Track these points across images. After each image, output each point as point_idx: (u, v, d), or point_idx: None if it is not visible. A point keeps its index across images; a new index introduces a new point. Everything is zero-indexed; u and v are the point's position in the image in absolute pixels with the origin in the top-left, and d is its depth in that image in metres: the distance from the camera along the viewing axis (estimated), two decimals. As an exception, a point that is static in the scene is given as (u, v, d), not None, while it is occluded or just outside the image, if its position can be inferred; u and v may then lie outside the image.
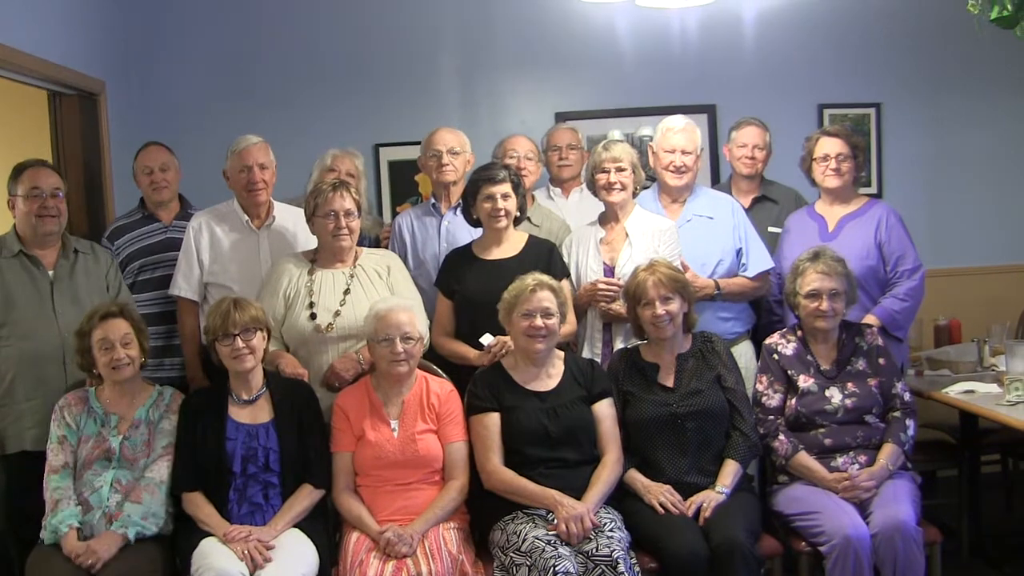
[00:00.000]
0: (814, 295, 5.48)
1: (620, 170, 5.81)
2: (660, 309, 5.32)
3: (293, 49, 7.92)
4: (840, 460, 5.34)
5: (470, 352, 5.57)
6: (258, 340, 5.12)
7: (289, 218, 6.01)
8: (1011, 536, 7.04)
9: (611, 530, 4.94)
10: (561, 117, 7.94)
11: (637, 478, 5.26)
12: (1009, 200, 8.54)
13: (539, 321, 5.19)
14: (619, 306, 5.62)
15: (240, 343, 5.06)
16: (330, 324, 5.45)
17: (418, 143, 6.45)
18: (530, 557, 4.76)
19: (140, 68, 7.70)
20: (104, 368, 5.09)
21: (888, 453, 5.31)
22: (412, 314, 5.22)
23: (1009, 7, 5.45)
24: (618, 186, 5.81)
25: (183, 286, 5.94)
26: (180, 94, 7.77)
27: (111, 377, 5.10)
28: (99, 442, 5.04)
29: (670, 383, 5.40)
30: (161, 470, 5.05)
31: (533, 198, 6.60)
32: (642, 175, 5.92)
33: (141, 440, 5.09)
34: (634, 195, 5.91)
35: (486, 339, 5.44)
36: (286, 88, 7.87)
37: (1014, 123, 8.51)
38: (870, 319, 5.93)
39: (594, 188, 5.92)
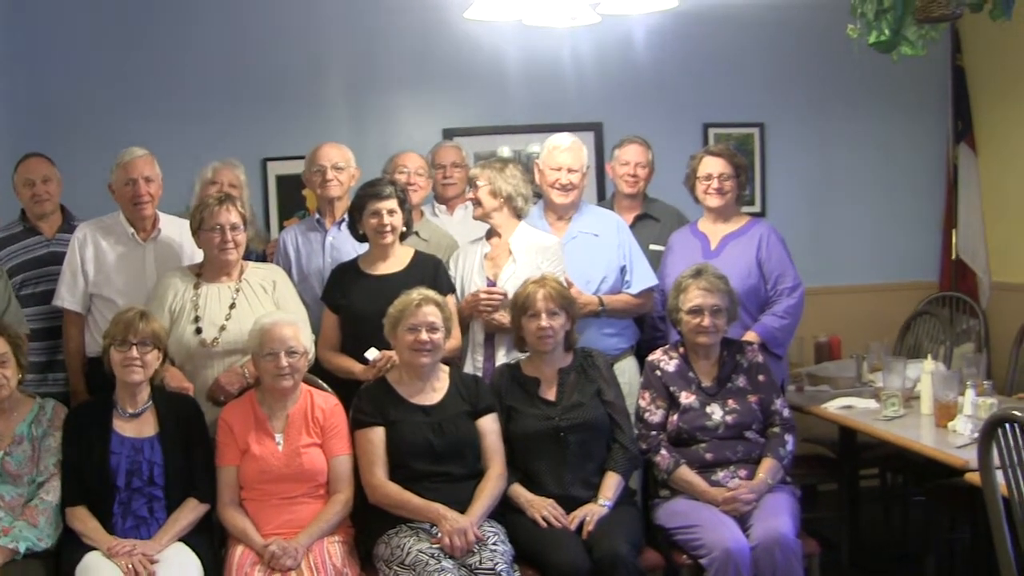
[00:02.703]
0: (696, 311, 5.55)
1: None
2: (545, 322, 5.37)
3: (180, 61, 7.87)
4: (720, 474, 5.41)
5: (355, 366, 5.57)
6: (152, 357, 5.09)
7: (175, 230, 5.96)
8: (889, 547, 7.18)
9: (494, 544, 4.98)
10: (449, 134, 7.96)
11: (520, 492, 5.30)
12: (889, 219, 8.69)
13: (424, 335, 5.21)
14: (502, 316, 5.66)
15: (135, 353, 5.03)
16: (216, 339, 5.43)
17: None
18: (414, 570, 4.80)
19: (26, 78, 7.60)
20: (-19, 388, 5.03)
21: (767, 467, 5.39)
22: (297, 328, 5.22)
23: (887, 32, 5.55)
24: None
25: (67, 298, 5.87)
26: (66, 104, 7.67)
27: (-11, 396, 5.05)
28: (-22, 458, 4.99)
29: (552, 397, 5.45)
30: (55, 492, 4.99)
31: (422, 213, 6.62)
32: (529, 192, 5.96)
33: (25, 456, 5.02)
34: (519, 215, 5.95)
35: (371, 354, 5.44)
36: (173, 101, 7.81)
37: (893, 144, 8.67)
38: (750, 336, 6.00)
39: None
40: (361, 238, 5.79)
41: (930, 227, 8.74)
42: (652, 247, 6.46)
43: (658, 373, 5.66)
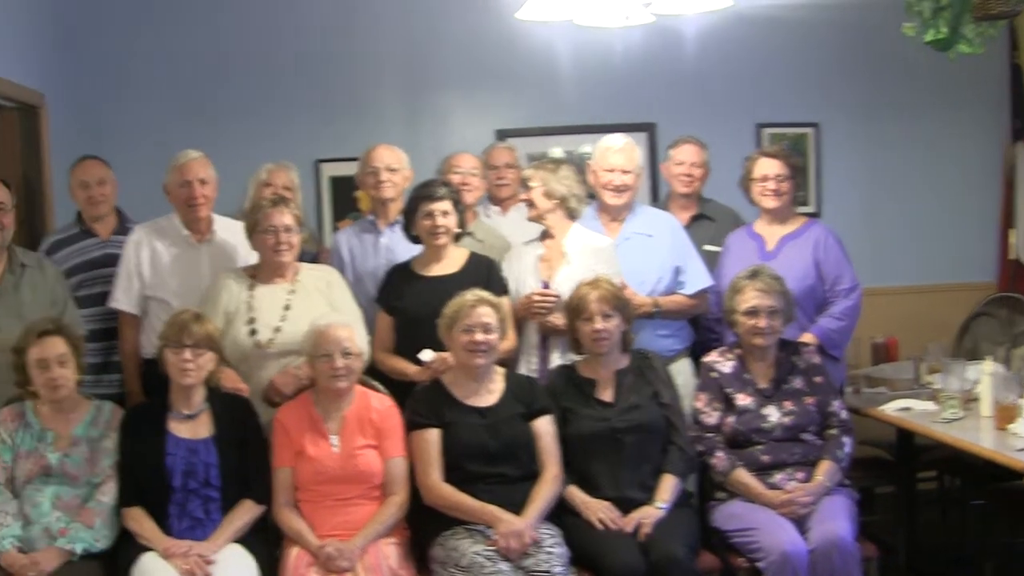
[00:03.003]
0: (752, 312, 5.51)
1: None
2: (600, 324, 5.35)
3: (235, 63, 7.91)
4: (777, 477, 5.37)
5: (410, 368, 5.56)
6: (205, 360, 5.10)
7: (230, 233, 5.97)
8: (946, 551, 7.09)
9: (550, 546, 4.96)
10: (502, 135, 7.96)
11: (576, 494, 5.27)
12: (945, 219, 8.63)
13: (479, 336, 5.20)
14: (556, 318, 5.64)
15: (188, 356, 5.04)
16: (270, 340, 5.44)
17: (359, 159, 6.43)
18: (470, 572, 4.79)
19: (81, 81, 7.65)
20: (41, 388, 5.03)
21: (825, 470, 5.34)
22: (352, 330, 5.22)
23: (944, 30, 5.51)
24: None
25: (122, 299, 5.89)
26: (121, 107, 7.73)
27: (47, 397, 5.05)
28: (37, 458, 4.99)
29: (609, 398, 5.42)
30: (111, 493, 5.01)
31: (476, 214, 6.61)
32: (583, 193, 5.94)
33: (82, 457, 5.04)
34: (573, 216, 5.92)
35: (425, 355, 5.43)
36: (228, 103, 7.86)
37: (949, 143, 8.61)
38: (807, 338, 5.96)
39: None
40: (415, 240, 5.78)
41: (987, 227, 8.67)
42: (707, 248, 6.42)
43: (714, 375, 5.63)
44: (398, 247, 6.02)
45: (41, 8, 7.30)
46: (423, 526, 5.18)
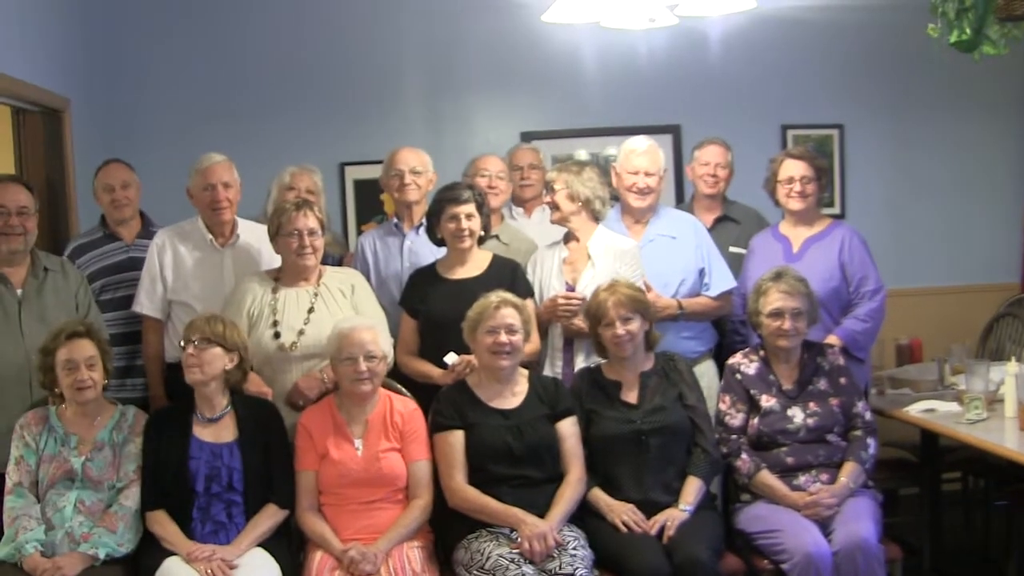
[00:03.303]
0: (776, 314, 5.51)
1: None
2: (620, 329, 5.35)
3: (258, 67, 7.93)
4: (802, 479, 5.37)
5: (434, 371, 5.57)
6: (212, 355, 5.09)
7: (253, 236, 5.97)
8: (971, 553, 7.09)
9: (574, 548, 4.95)
10: (527, 137, 7.95)
11: (600, 497, 5.27)
12: (969, 220, 8.63)
13: (503, 337, 5.21)
14: (580, 321, 5.63)
15: (191, 350, 5.05)
16: (294, 343, 5.45)
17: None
18: (494, 575, 4.78)
19: (105, 85, 7.67)
20: (67, 389, 5.04)
21: (849, 471, 5.34)
22: (375, 332, 5.22)
23: (968, 31, 5.49)
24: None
25: (146, 303, 5.90)
26: (145, 111, 7.76)
27: (74, 399, 5.05)
28: (60, 462, 5.00)
29: (633, 400, 5.42)
30: (135, 497, 5.02)
31: (502, 217, 6.61)
32: (607, 194, 5.94)
33: (106, 462, 5.05)
34: (598, 218, 5.93)
35: (450, 358, 5.43)
36: (251, 106, 7.87)
37: (974, 144, 8.61)
38: (832, 339, 5.96)
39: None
40: (439, 242, 5.79)
41: (1011, 228, 8.66)
42: (732, 249, 6.43)
43: (738, 376, 5.62)
44: (422, 250, 6.03)
45: (65, 13, 7.32)
46: (447, 529, 5.19)
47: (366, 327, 5.21)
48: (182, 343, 5.13)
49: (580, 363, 5.76)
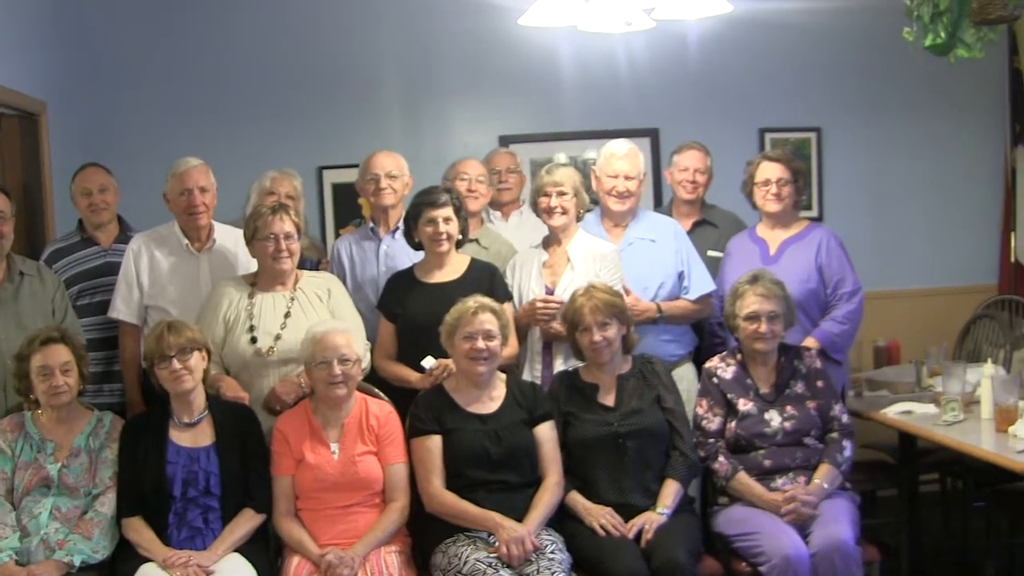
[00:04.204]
0: (753, 317, 5.51)
1: (561, 194, 5.82)
2: (597, 335, 5.35)
3: (236, 71, 7.93)
4: (780, 481, 5.37)
5: (412, 375, 5.56)
6: (196, 360, 5.09)
7: (230, 240, 5.97)
8: (949, 553, 7.10)
9: (552, 552, 4.95)
10: (505, 141, 7.97)
11: (578, 500, 5.27)
12: (947, 222, 8.67)
13: (481, 343, 5.20)
14: (559, 325, 5.63)
15: (177, 364, 5.02)
16: (271, 348, 5.43)
17: (362, 166, 6.43)
18: (471, 579, 4.78)
19: (82, 89, 7.67)
20: (42, 395, 5.04)
21: (824, 473, 5.34)
22: (349, 336, 5.21)
23: (943, 35, 5.51)
24: (559, 210, 5.83)
25: (122, 309, 5.89)
26: (122, 115, 7.76)
27: (49, 404, 5.05)
28: (36, 469, 4.99)
29: (611, 402, 5.42)
30: (111, 504, 5.01)
31: (482, 221, 6.62)
32: (586, 199, 5.93)
33: (82, 468, 5.04)
34: (578, 219, 5.93)
35: (427, 362, 5.43)
36: (229, 110, 7.88)
37: (951, 146, 8.65)
38: (809, 342, 5.97)
39: (537, 210, 5.95)
40: (417, 246, 5.79)
41: (989, 230, 8.68)
42: (711, 253, 6.43)
43: (715, 380, 5.63)
44: (399, 254, 6.04)
45: (43, 16, 7.31)
46: (424, 533, 5.18)
47: (340, 331, 5.21)
48: (154, 362, 5.09)
49: (559, 366, 5.76)
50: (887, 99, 8.49)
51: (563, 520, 5.25)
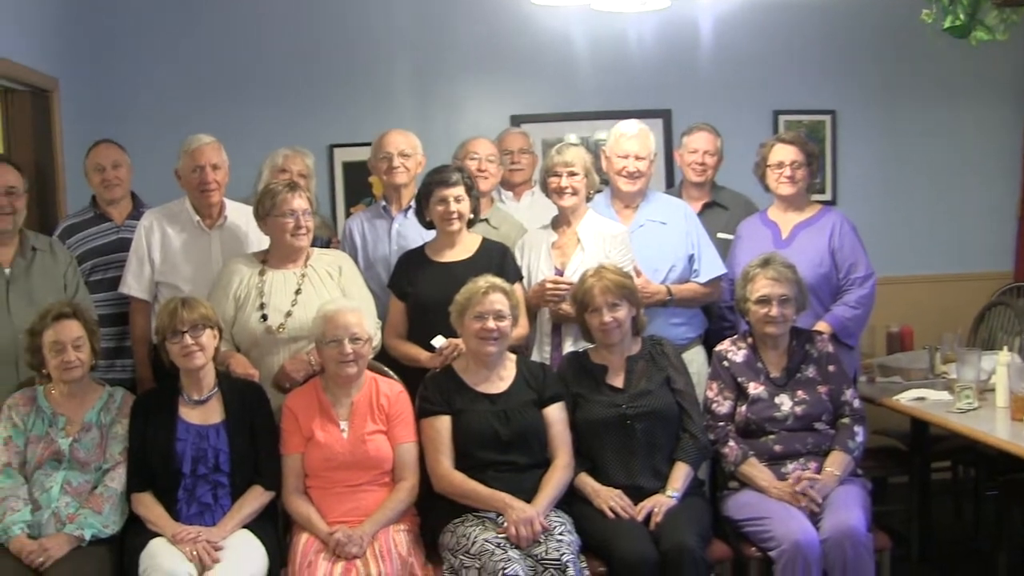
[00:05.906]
0: (764, 301, 5.48)
1: (572, 174, 5.78)
2: (607, 316, 5.33)
3: (248, 48, 7.90)
4: (790, 466, 5.35)
5: (422, 354, 5.54)
6: (207, 338, 5.08)
7: (241, 217, 5.95)
8: (960, 542, 7.08)
9: (561, 534, 4.94)
10: (516, 120, 7.94)
11: (587, 482, 5.26)
12: (962, 208, 8.61)
13: (491, 323, 5.19)
14: (568, 306, 5.61)
15: (189, 340, 5.01)
16: (281, 325, 5.42)
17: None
18: (479, 560, 4.76)
19: (94, 65, 7.64)
20: (54, 370, 5.03)
21: (836, 460, 5.32)
22: (360, 315, 5.20)
23: (962, 17, 5.48)
24: (569, 190, 5.80)
25: (133, 285, 5.90)
26: (134, 92, 7.72)
27: (61, 378, 5.04)
28: (48, 443, 4.99)
29: (619, 384, 5.40)
30: (121, 479, 5.01)
31: (492, 200, 6.59)
32: (596, 179, 5.90)
33: (93, 443, 5.04)
34: (588, 199, 5.90)
35: (438, 341, 5.41)
36: (241, 87, 7.84)
37: (967, 131, 8.58)
38: (821, 326, 5.94)
39: (547, 191, 5.92)
40: (428, 225, 5.77)
41: (1005, 216, 8.64)
42: (720, 235, 6.40)
43: (726, 364, 5.61)
44: (410, 233, 6.02)
45: (55, -8, 7.30)
46: (433, 513, 5.17)
47: (351, 309, 5.19)
48: (166, 337, 5.08)
49: (568, 347, 5.74)
50: (903, 82, 8.44)
51: (572, 502, 5.23)
